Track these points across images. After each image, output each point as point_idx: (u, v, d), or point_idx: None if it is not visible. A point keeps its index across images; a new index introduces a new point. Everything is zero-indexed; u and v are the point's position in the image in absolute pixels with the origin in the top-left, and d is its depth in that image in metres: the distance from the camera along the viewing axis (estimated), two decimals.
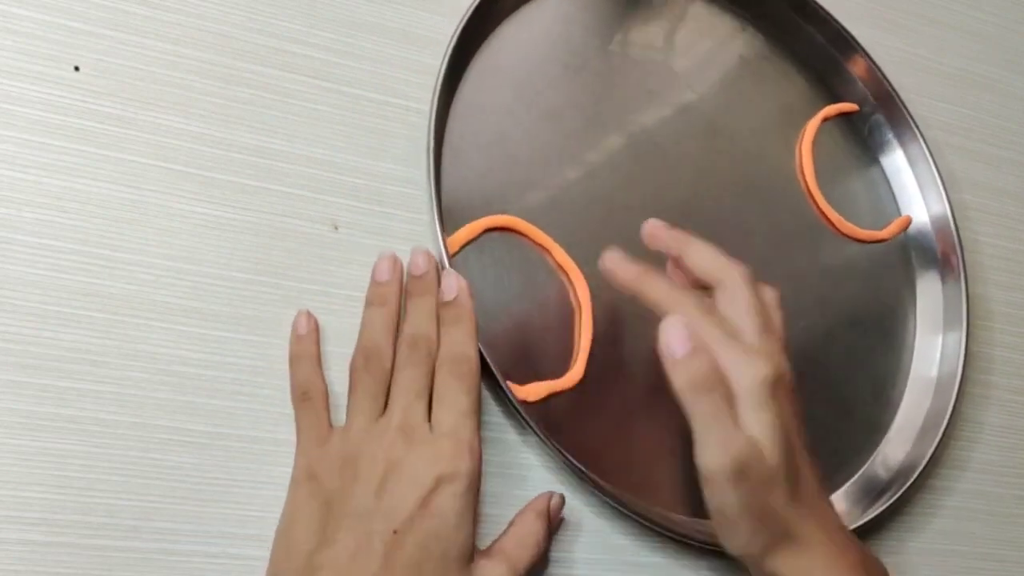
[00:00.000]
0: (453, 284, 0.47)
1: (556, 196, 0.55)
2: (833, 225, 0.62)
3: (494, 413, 0.50)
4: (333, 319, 0.48)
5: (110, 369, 0.44)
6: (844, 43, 0.65)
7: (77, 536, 0.42)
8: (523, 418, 0.48)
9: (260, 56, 0.51)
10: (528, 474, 0.50)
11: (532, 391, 0.50)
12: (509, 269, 0.52)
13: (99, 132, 0.47)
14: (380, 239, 0.50)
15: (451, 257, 0.50)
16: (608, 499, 0.49)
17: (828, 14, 0.65)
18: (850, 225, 0.63)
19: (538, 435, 0.48)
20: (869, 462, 0.58)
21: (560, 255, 0.53)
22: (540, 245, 0.53)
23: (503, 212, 0.53)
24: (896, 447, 0.58)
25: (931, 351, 0.62)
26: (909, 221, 0.64)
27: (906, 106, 0.65)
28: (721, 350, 0.44)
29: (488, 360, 0.48)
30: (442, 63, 0.53)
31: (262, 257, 0.48)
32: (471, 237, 0.52)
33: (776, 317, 0.48)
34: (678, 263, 0.49)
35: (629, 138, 0.58)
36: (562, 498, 0.48)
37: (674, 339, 0.44)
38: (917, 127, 0.65)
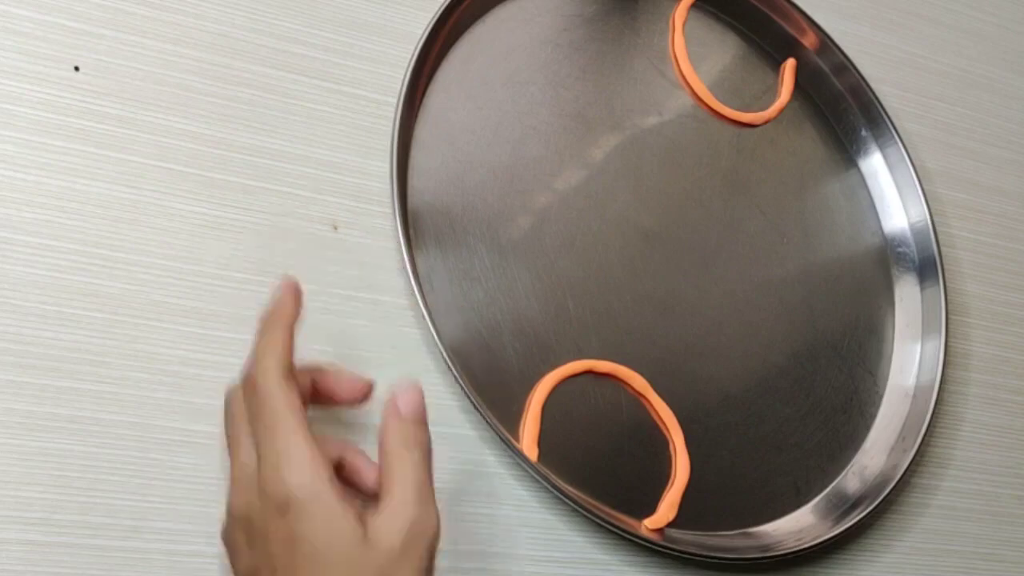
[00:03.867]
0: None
1: (533, 212, 0.55)
2: (707, 105, 0.61)
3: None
4: (332, 319, 0.48)
5: (110, 369, 0.44)
6: (818, 40, 0.64)
7: (77, 536, 0.42)
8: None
9: (260, 56, 0.51)
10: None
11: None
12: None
13: (99, 132, 0.47)
14: (379, 239, 0.50)
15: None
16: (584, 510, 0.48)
17: (795, 6, 0.64)
18: (726, 107, 0.61)
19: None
20: (843, 473, 0.57)
21: None
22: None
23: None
24: (873, 457, 0.57)
25: (910, 358, 0.61)
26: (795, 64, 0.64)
27: (885, 110, 0.64)
28: None
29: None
30: (410, 61, 0.52)
31: (262, 257, 0.48)
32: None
33: None
34: None
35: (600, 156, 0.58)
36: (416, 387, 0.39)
37: None
38: (895, 130, 0.64)
